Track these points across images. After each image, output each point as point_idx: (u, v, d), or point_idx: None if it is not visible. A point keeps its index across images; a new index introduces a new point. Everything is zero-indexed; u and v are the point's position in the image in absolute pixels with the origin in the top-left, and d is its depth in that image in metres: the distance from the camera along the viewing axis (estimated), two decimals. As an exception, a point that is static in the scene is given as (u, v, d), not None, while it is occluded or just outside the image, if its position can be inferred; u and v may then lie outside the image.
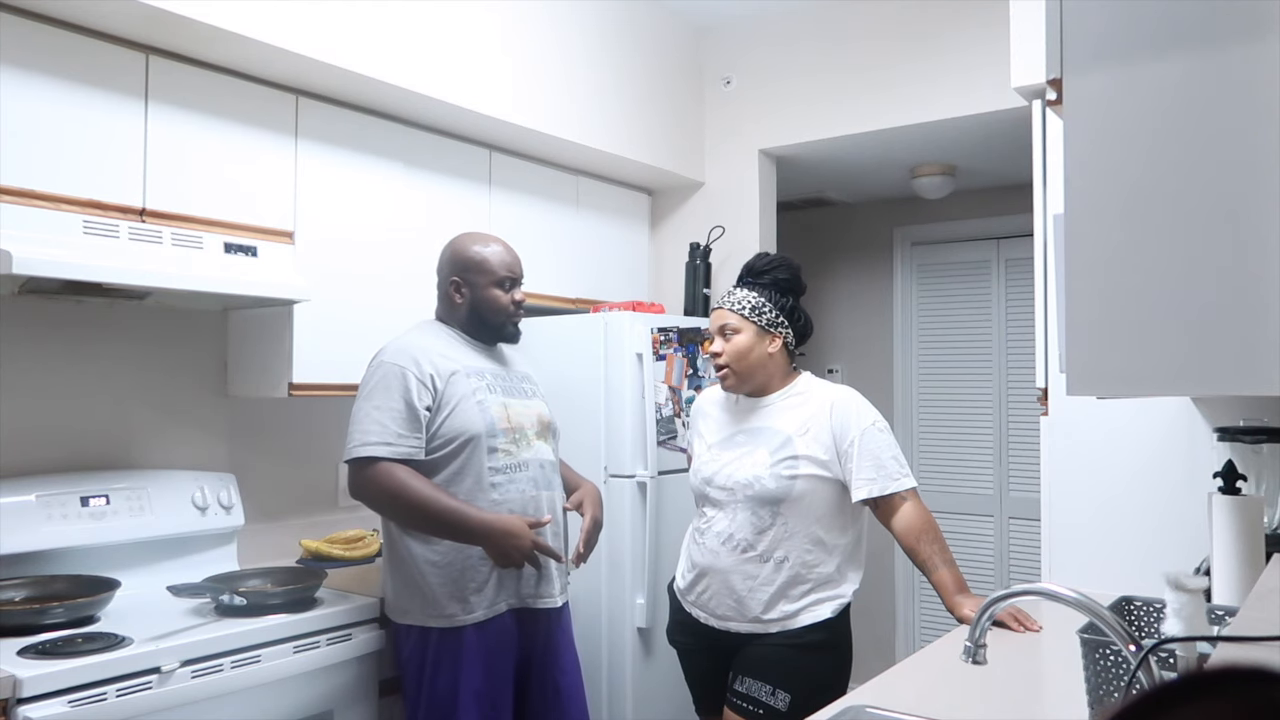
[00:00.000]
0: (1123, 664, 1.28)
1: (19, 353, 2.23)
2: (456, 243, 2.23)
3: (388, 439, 1.98)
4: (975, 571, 4.20)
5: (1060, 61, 1.05)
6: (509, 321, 2.21)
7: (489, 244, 2.21)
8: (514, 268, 2.22)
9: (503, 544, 1.99)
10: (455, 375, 2.07)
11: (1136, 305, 1.00)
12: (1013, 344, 4.26)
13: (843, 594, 2.08)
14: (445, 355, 2.10)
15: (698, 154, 3.64)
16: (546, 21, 2.99)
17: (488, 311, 2.18)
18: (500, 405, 2.11)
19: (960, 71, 3.08)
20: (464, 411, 2.05)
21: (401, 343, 2.10)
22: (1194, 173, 0.97)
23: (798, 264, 2.22)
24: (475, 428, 2.05)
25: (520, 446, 2.12)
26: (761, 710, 1.99)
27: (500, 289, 2.18)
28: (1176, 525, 2.14)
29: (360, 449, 1.98)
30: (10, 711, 1.62)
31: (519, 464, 2.11)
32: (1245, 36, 0.95)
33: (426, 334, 2.16)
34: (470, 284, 2.17)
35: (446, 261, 2.22)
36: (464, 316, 2.19)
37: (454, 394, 2.05)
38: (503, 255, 2.20)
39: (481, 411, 2.07)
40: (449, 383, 2.05)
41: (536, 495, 2.13)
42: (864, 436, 2.06)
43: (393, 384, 2.01)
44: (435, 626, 2.03)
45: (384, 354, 2.08)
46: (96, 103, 2.08)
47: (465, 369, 2.10)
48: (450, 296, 2.19)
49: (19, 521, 2.07)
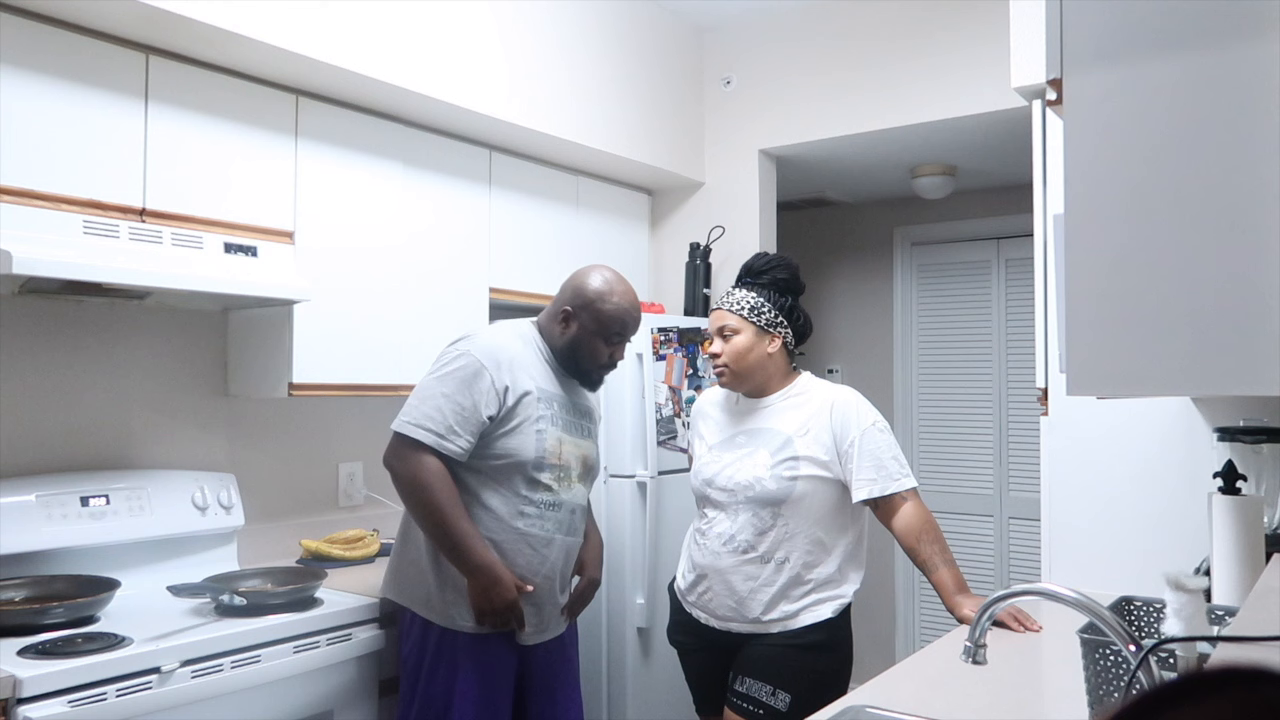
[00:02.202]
0: (1123, 664, 1.28)
1: (19, 353, 2.23)
2: (588, 275, 2.14)
3: (440, 430, 1.96)
4: (975, 571, 4.20)
5: (1060, 61, 1.05)
6: (596, 373, 2.16)
7: (614, 293, 2.12)
8: (627, 326, 2.13)
9: (489, 589, 1.96)
10: (527, 396, 2.03)
11: (1136, 305, 1.00)
12: (1013, 344, 4.26)
13: (843, 594, 2.08)
14: (527, 371, 2.06)
15: (698, 154, 3.64)
16: (546, 21, 2.99)
17: (581, 355, 2.12)
18: (556, 440, 2.07)
19: (960, 71, 3.08)
20: (521, 434, 2.02)
21: (494, 340, 2.07)
22: (1194, 173, 0.97)
23: (796, 264, 2.22)
24: (526, 454, 2.02)
25: (561, 486, 2.09)
26: (762, 710, 1.99)
27: (604, 342, 2.12)
28: (1176, 525, 2.14)
29: (412, 428, 1.96)
30: (10, 711, 1.62)
31: (555, 503, 2.08)
32: (1245, 36, 0.95)
33: (518, 340, 2.11)
34: (579, 322, 2.11)
35: (569, 286, 2.15)
36: (559, 344, 2.13)
37: (519, 414, 2.02)
38: (619, 311, 2.11)
39: (538, 440, 2.03)
40: (520, 401, 2.02)
41: (557, 539, 2.10)
42: (864, 437, 2.06)
43: (469, 380, 1.98)
44: (436, 623, 2.03)
45: (474, 344, 2.04)
46: (96, 103, 2.08)
47: (539, 391, 2.06)
48: (556, 318, 2.14)
49: (19, 521, 2.07)
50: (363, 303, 2.59)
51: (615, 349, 2.14)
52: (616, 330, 2.12)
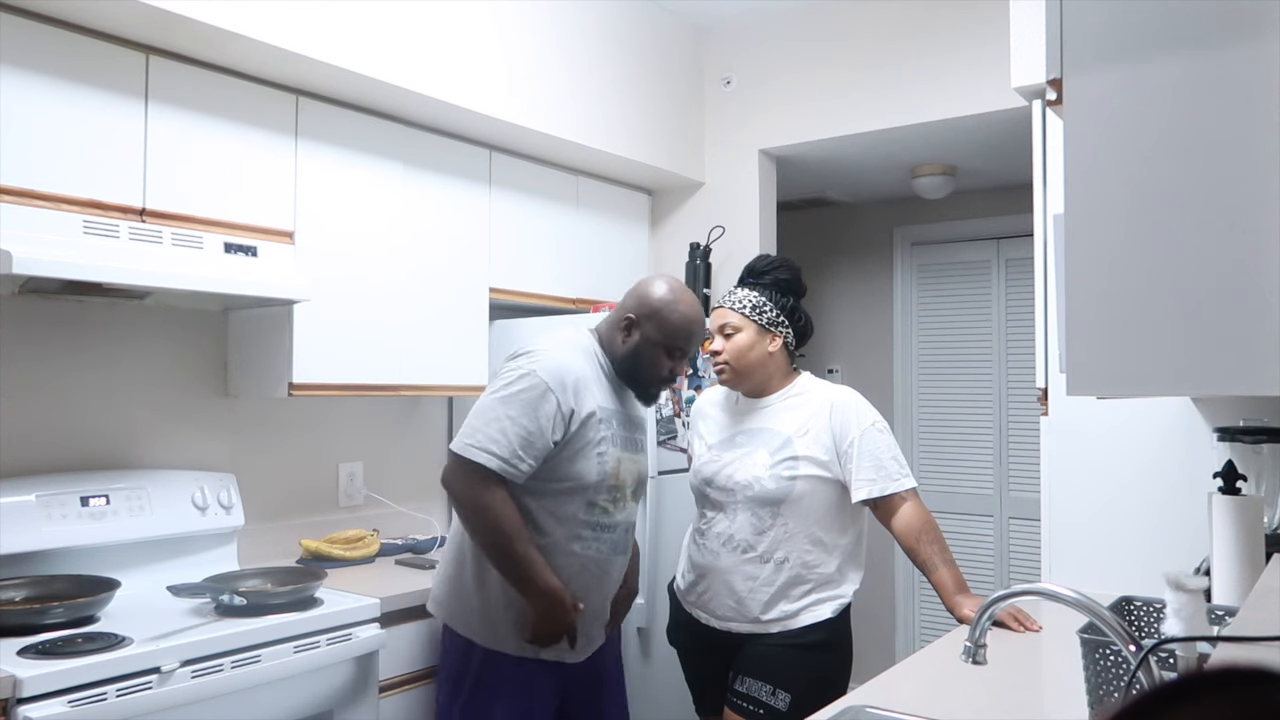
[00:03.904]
0: (1123, 664, 1.28)
1: (19, 353, 2.23)
2: (653, 283, 2.08)
3: (504, 455, 1.88)
4: (975, 571, 4.20)
5: (1060, 61, 1.05)
6: (654, 386, 2.09)
7: (680, 302, 2.04)
8: (691, 339, 2.05)
9: (552, 614, 1.91)
10: (590, 418, 1.96)
11: (1137, 305, 1.00)
12: (1013, 344, 4.26)
13: (843, 594, 2.08)
14: (590, 390, 1.99)
15: (698, 154, 3.64)
16: (546, 21, 2.99)
17: (642, 366, 2.05)
18: (615, 460, 2.01)
19: (960, 71, 3.08)
20: (584, 458, 1.96)
21: (560, 360, 1.97)
22: (1194, 173, 0.97)
23: (798, 265, 2.23)
24: (588, 478, 1.97)
25: (616, 506, 2.04)
26: (762, 710, 1.99)
27: (666, 354, 2.04)
28: (1176, 525, 2.14)
29: (476, 452, 1.88)
30: (10, 711, 1.62)
31: (610, 524, 2.03)
32: (1245, 36, 0.95)
33: (580, 356, 2.03)
34: (641, 331, 2.03)
35: (633, 294, 2.08)
36: (619, 355, 2.06)
37: (583, 437, 1.96)
38: (685, 321, 2.03)
39: (599, 464, 1.98)
40: (583, 424, 1.95)
41: (611, 560, 2.06)
42: (864, 437, 2.06)
43: (535, 403, 1.90)
44: (480, 644, 1.98)
45: (539, 363, 1.95)
46: (96, 103, 2.08)
47: (600, 411, 1.99)
48: (618, 326, 2.06)
49: (19, 521, 2.07)
50: (363, 303, 2.59)
51: (676, 363, 2.06)
52: (680, 342, 2.03)
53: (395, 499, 3.02)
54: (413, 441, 3.12)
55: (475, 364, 2.92)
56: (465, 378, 2.89)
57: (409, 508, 3.05)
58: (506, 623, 1.96)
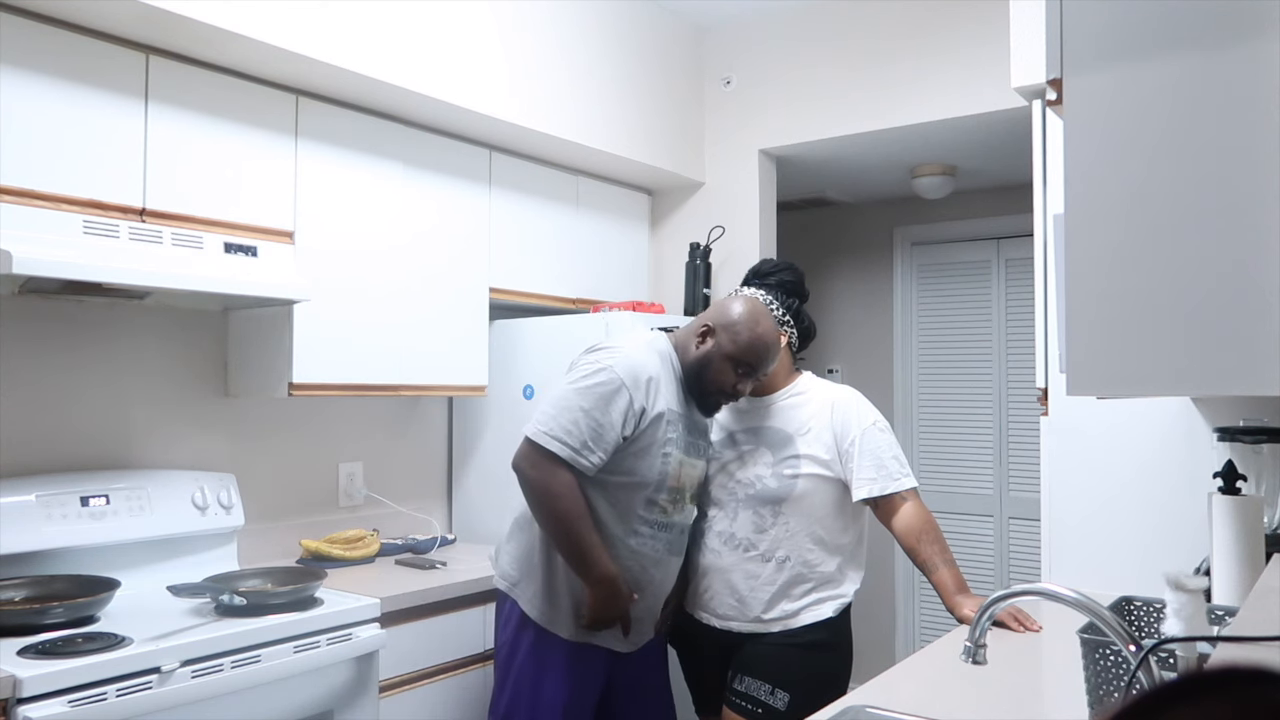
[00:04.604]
0: (1123, 664, 1.28)
1: (19, 353, 2.23)
2: (736, 300, 2.11)
3: (575, 445, 1.93)
4: (975, 571, 4.20)
5: (1060, 61, 1.05)
6: (717, 398, 2.10)
7: (758, 322, 2.06)
8: (762, 359, 2.07)
9: (610, 600, 1.97)
10: (659, 418, 2.01)
11: (1136, 305, 1.00)
12: (1013, 344, 4.26)
13: (844, 593, 2.08)
14: (662, 391, 2.03)
15: (698, 154, 3.64)
16: (546, 21, 2.99)
17: (708, 375, 2.07)
18: (678, 463, 2.05)
19: (960, 71, 3.08)
20: (649, 457, 2.01)
21: (637, 357, 2.02)
22: (1194, 173, 0.97)
23: (802, 270, 2.25)
24: (651, 476, 2.01)
25: (675, 508, 2.07)
26: (760, 710, 1.99)
27: (733, 367, 2.05)
28: (1176, 525, 2.14)
29: (548, 439, 1.94)
30: (10, 711, 1.62)
31: (668, 524, 2.07)
32: (1245, 36, 0.95)
33: (656, 357, 2.07)
34: (715, 340, 2.07)
35: (716, 306, 2.14)
36: (690, 360, 2.09)
37: (650, 436, 2.00)
38: (757, 340, 2.05)
39: (663, 464, 2.02)
40: (653, 423, 2.00)
41: (666, 560, 2.09)
42: (864, 436, 2.06)
43: (610, 398, 1.95)
44: (535, 621, 2.04)
45: (616, 359, 2.00)
46: (96, 103, 2.08)
47: (669, 413, 2.03)
48: (694, 333, 2.10)
49: (19, 521, 2.07)
50: (363, 303, 2.59)
51: (741, 380, 2.06)
52: (749, 358, 2.05)
53: (395, 499, 3.02)
54: (413, 441, 3.12)
55: (475, 364, 2.92)
56: (465, 378, 2.89)
57: (409, 508, 3.06)
58: (566, 608, 2.03)
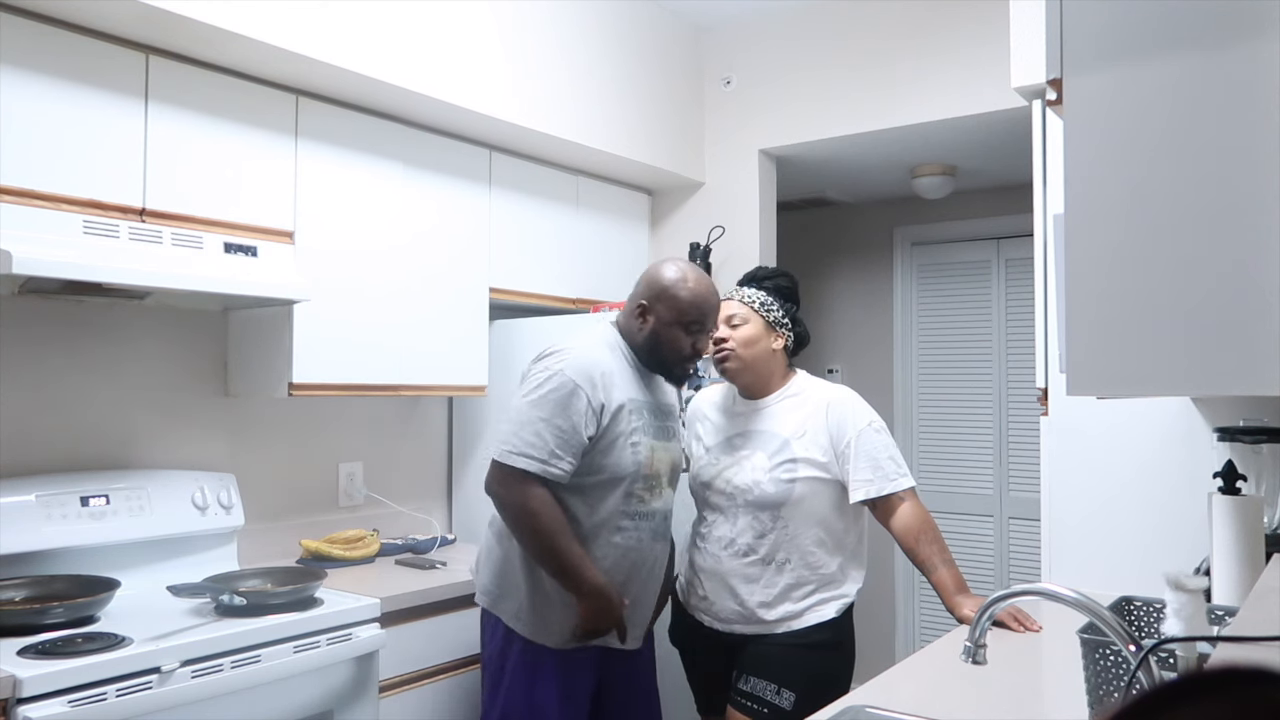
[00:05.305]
0: (1123, 664, 1.28)
1: (19, 353, 2.23)
2: (661, 269, 2.10)
3: (543, 456, 1.91)
4: (975, 571, 4.20)
5: (1060, 61, 1.05)
6: (680, 366, 2.09)
7: (687, 280, 2.06)
8: (705, 312, 2.05)
9: (603, 610, 1.94)
10: (621, 410, 1.99)
11: (1136, 305, 1.00)
12: (1013, 344, 4.26)
13: (846, 593, 2.08)
14: (618, 383, 2.01)
15: (698, 154, 3.63)
16: (546, 21, 2.99)
17: (663, 348, 2.06)
18: (649, 449, 2.03)
19: (960, 71, 3.08)
20: (619, 451, 1.99)
21: (584, 357, 2.00)
22: (1194, 173, 0.97)
23: (797, 278, 2.28)
24: (625, 470, 1.99)
25: (653, 495, 2.06)
26: (766, 709, 1.99)
27: (683, 331, 2.05)
28: (1176, 525, 2.14)
29: (515, 458, 1.92)
30: (10, 711, 1.62)
31: (648, 513, 2.06)
32: (1245, 36, 0.95)
33: (605, 351, 2.06)
34: (655, 314, 2.05)
35: (643, 280, 2.12)
36: (640, 343, 2.08)
37: (615, 430, 1.98)
38: (695, 297, 2.04)
39: (634, 454, 2.00)
40: (614, 417, 1.98)
41: (652, 547, 2.08)
42: (860, 437, 2.06)
43: (566, 401, 1.93)
44: (521, 634, 2.02)
45: (565, 362, 1.97)
46: (96, 103, 2.08)
47: (630, 403, 2.02)
48: (633, 315, 2.09)
49: (19, 521, 2.07)
50: (363, 303, 2.59)
51: (697, 338, 2.06)
52: (694, 318, 2.04)
53: (395, 499, 3.02)
54: (413, 441, 3.12)
55: (475, 364, 2.92)
56: (465, 378, 2.89)
57: (409, 508, 3.05)
58: (556, 619, 1.99)
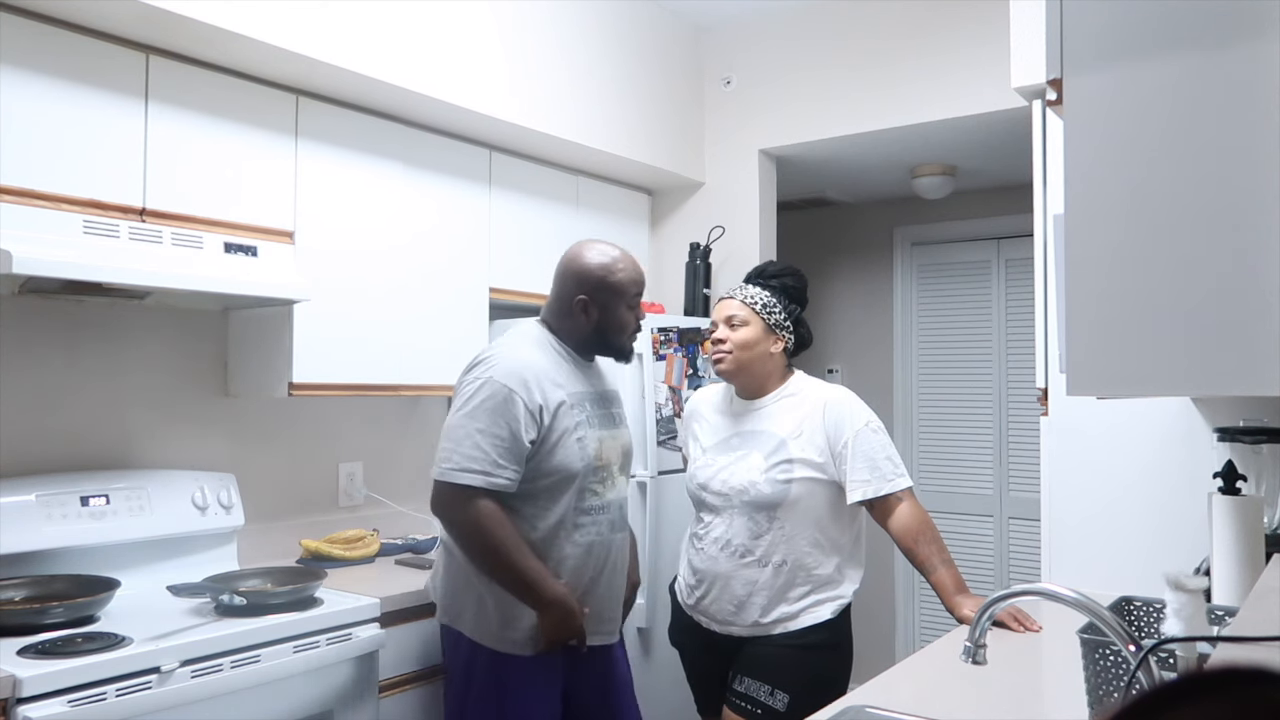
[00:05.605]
0: (1123, 664, 1.28)
1: (19, 353, 2.23)
2: (585, 259, 2.07)
3: (486, 468, 1.87)
4: (975, 571, 4.20)
5: (1060, 61, 1.05)
6: (630, 340, 2.11)
7: (618, 261, 2.06)
8: (641, 283, 2.09)
9: (564, 621, 1.92)
10: (562, 406, 1.96)
11: (1137, 305, 1.00)
12: (1013, 344, 4.26)
13: (843, 594, 2.08)
14: (554, 380, 1.98)
15: (698, 154, 3.64)
16: (546, 21, 2.99)
17: (611, 331, 2.06)
18: (596, 441, 2.01)
19: (960, 71, 3.08)
20: (565, 448, 1.95)
21: (513, 360, 1.96)
22: (1194, 173, 0.97)
23: (806, 277, 2.25)
24: (574, 467, 1.96)
25: (606, 486, 2.04)
26: (760, 710, 1.99)
27: (628, 308, 2.06)
28: (1176, 525, 2.14)
29: (457, 474, 1.87)
30: (10, 711, 1.62)
31: (603, 505, 2.03)
32: (1245, 36, 0.95)
33: (535, 349, 2.02)
34: (602, 305, 2.04)
35: (570, 274, 2.07)
36: (585, 334, 2.06)
37: (559, 428, 1.94)
38: (632, 273, 2.07)
39: (581, 449, 1.97)
40: (556, 415, 1.94)
41: (611, 538, 2.06)
42: (858, 438, 2.05)
43: (501, 408, 1.89)
44: (485, 646, 1.97)
45: (494, 368, 1.93)
46: (96, 103, 2.08)
47: (571, 398, 1.98)
48: (573, 314, 2.05)
49: (19, 521, 2.07)
50: (363, 303, 2.59)
51: (636, 310, 2.09)
52: (635, 292, 2.07)
53: (395, 499, 3.02)
54: (413, 441, 3.12)
55: (475, 364, 2.92)
56: (465, 378, 2.89)
57: (409, 508, 3.05)
58: (521, 626, 1.95)
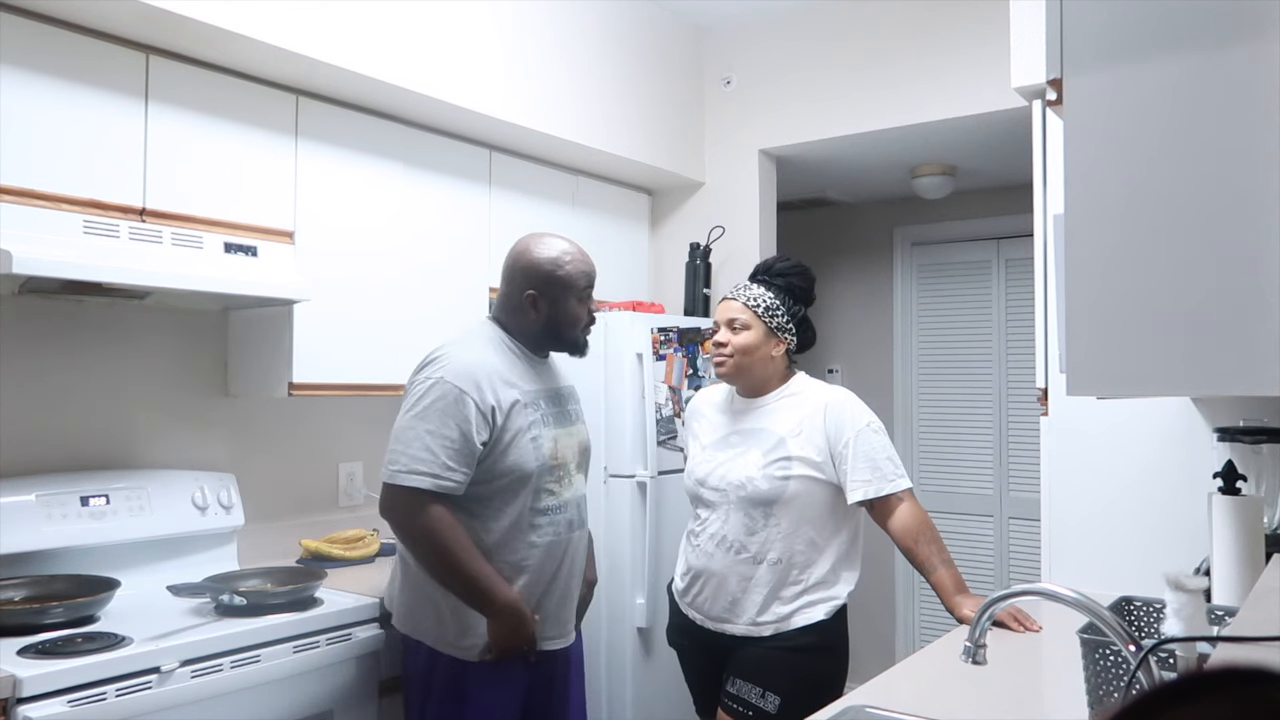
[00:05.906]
0: (1123, 664, 1.28)
1: (19, 353, 2.23)
2: (533, 253, 2.04)
3: (435, 470, 1.83)
4: (975, 571, 4.20)
5: (1060, 61, 1.05)
6: (581, 335, 2.09)
7: (566, 254, 2.04)
8: (592, 276, 2.07)
9: (516, 627, 1.90)
10: (515, 406, 1.93)
11: (1136, 305, 1.00)
12: (1013, 344, 4.26)
13: (836, 595, 2.07)
14: (507, 380, 1.95)
15: (698, 154, 3.64)
16: (546, 21, 2.99)
17: (564, 326, 2.05)
18: (551, 440, 1.98)
19: (960, 71, 3.08)
20: (519, 449, 1.92)
21: (463, 360, 1.93)
22: (1194, 173, 0.97)
23: (814, 275, 2.21)
24: (528, 467, 1.93)
25: (563, 485, 2.01)
26: (751, 712, 1.98)
27: (579, 302, 2.05)
28: (1176, 525, 2.14)
29: (405, 476, 1.84)
30: (10, 711, 1.62)
31: (560, 504, 2.01)
32: (1245, 36, 0.95)
33: (487, 348, 2.00)
34: (551, 299, 2.02)
35: (521, 272, 2.04)
36: (536, 330, 2.04)
37: (511, 428, 1.91)
38: (582, 265, 2.05)
39: (535, 449, 1.94)
40: (509, 415, 1.91)
41: (569, 538, 2.04)
42: (858, 438, 2.05)
43: (450, 409, 1.85)
44: (444, 653, 1.95)
45: (445, 370, 1.90)
46: (96, 103, 2.08)
47: (524, 396, 1.96)
48: (523, 309, 2.03)
49: (19, 521, 2.07)
50: (363, 303, 2.59)
51: (588, 303, 2.08)
52: (585, 285, 2.05)
53: (395, 499, 3.01)
54: (413, 441, 3.12)
55: (475, 364, 2.92)
56: (465, 378, 2.89)
57: (409, 508, 3.05)
58: (478, 635, 1.93)
